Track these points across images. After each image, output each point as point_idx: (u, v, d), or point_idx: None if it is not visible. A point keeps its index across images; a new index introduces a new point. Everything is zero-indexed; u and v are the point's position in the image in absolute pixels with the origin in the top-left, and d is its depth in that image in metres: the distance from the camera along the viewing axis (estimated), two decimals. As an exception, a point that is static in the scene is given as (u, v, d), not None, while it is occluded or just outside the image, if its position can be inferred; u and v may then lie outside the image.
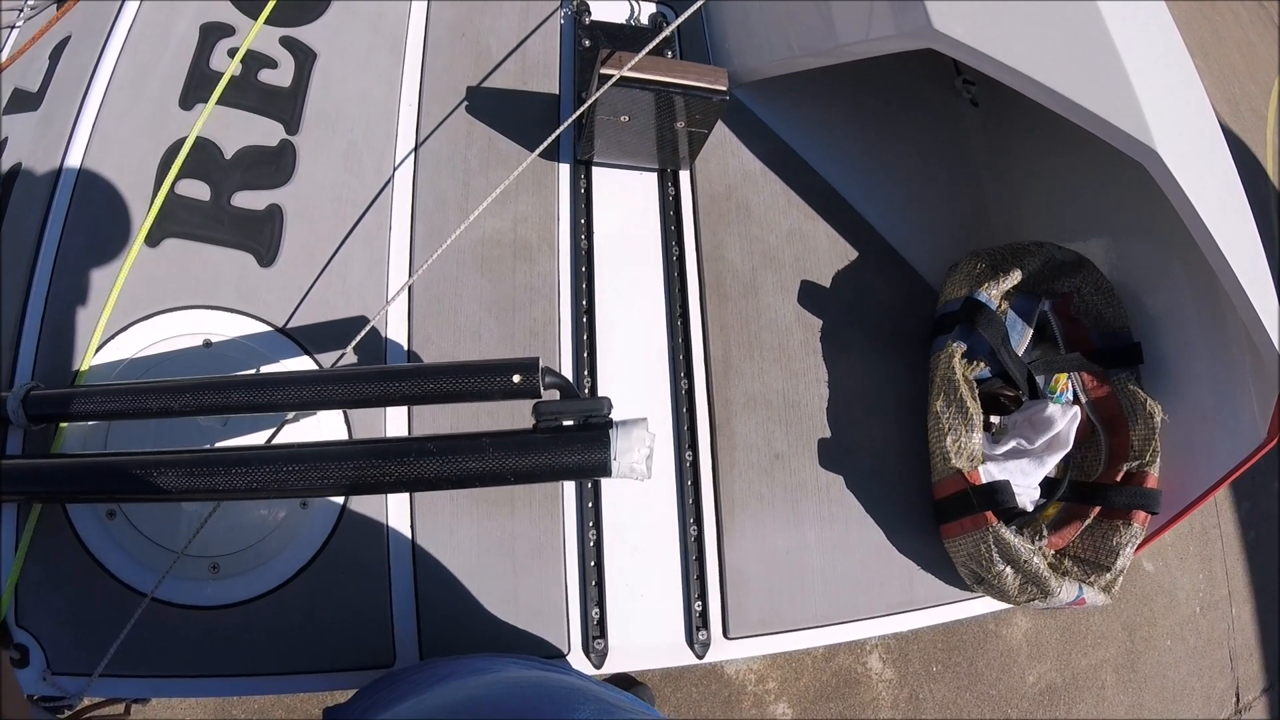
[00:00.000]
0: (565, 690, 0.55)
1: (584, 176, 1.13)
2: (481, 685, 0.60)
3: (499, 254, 1.05)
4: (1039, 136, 1.29)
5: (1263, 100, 4.25)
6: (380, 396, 0.73)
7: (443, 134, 1.09)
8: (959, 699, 2.19)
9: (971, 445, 1.06)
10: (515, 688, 0.59)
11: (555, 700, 0.51)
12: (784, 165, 1.23)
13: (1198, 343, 1.12)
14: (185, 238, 0.93)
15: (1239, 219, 0.96)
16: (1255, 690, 2.77)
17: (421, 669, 0.77)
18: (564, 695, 0.52)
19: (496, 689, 0.58)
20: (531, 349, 1.02)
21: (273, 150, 1.00)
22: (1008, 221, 1.34)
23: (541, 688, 0.58)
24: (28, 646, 0.77)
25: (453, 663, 0.76)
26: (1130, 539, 1.06)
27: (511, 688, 0.59)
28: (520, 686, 0.59)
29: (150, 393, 0.75)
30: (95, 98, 0.95)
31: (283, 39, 1.06)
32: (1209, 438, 1.09)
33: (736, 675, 1.96)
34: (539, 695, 0.54)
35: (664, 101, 0.98)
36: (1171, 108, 0.92)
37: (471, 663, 0.76)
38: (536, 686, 0.59)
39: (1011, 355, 1.12)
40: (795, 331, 1.14)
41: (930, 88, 1.40)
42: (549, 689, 0.57)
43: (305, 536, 0.88)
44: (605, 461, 0.66)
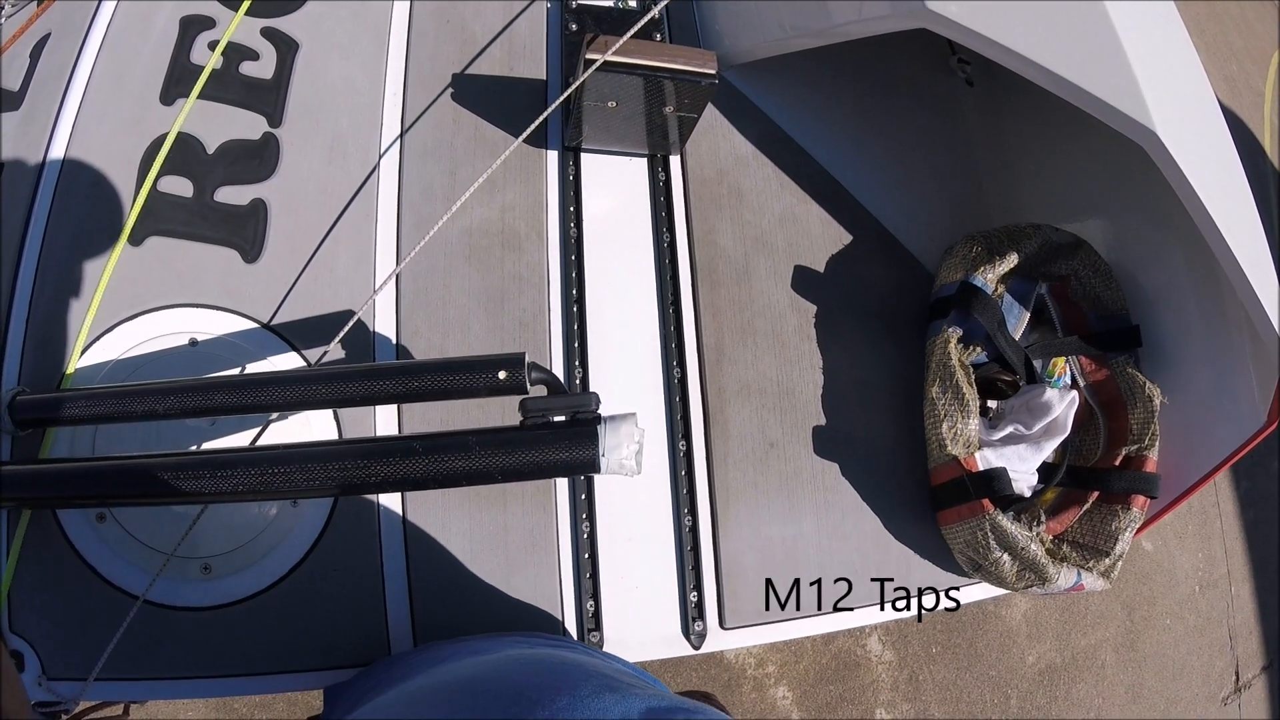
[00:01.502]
0: (567, 666, 0.55)
1: (572, 163, 1.11)
2: (481, 664, 0.60)
3: (487, 244, 1.04)
4: (1036, 117, 1.27)
5: (1260, 78, 4.21)
6: (364, 396, 0.72)
7: (428, 123, 1.07)
8: (959, 680, 2.21)
9: (968, 431, 1.05)
10: (515, 665, 0.58)
11: (556, 676, 0.50)
12: (776, 148, 1.21)
13: (1197, 325, 1.11)
14: (169, 235, 0.92)
15: (1239, 200, 0.94)
16: (1255, 668, 2.79)
17: (422, 651, 0.77)
18: (565, 671, 0.52)
19: (496, 667, 0.58)
20: (521, 340, 1.01)
21: (256, 144, 0.99)
22: (1004, 203, 1.32)
23: (541, 664, 0.58)
24: (22, 653, 0.77)
25: (454, 644, 0.76)
26: (1129, 523, 1.06)
27: (511, 665, 0.58)
28: (520, 663, 0.59)
29: (135, 396, 0.75)
30: (75, 95, 0.93)
31: (264, 30, 1.04)
32: (1208, 421, 1.08)
33: (736, 660, 1.97)
34: (539, 671, 0.54)
35: (651, 86, 0.96)
36: (1170, 88, 0.90)
37: (472, 643, 0.76)
38: (536, 663, 0.59)
39: (1008, 339, 1.10)
40: (789, 317, 1.13)
41: (924, 68, 1.37)
42: (549, 665, 0.56)
43: (297, 535, 0.87)
44: (594, 458, 0.65)
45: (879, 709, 2.09)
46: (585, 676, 0.49)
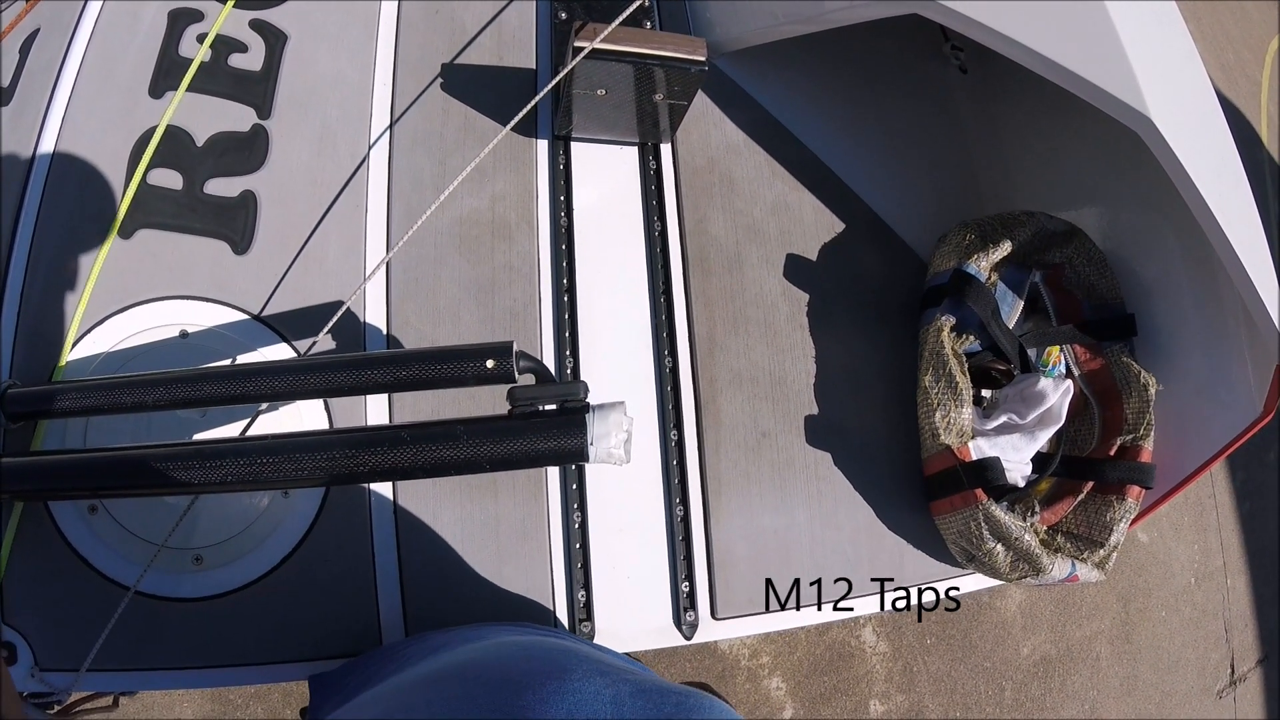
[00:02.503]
0: (557, 652, 0.54)
1: (562, 152, 1.10)
2: (471, 651, 0.60)
3: (477, 234, 1.04)
4: (1030, 103, 1.26)
5: (1256, 66, 4.18)
6: (353, 385, 0.72)
7: (418, 113, 1.06)
8: (953, 671, 2.21)
9: (961, 421, 1.05)
10: (505, 651, 0.58)
11: (546, 662, 0.50)
12: (767, 136, 1.20)
13: (1192, 314, 1.10)
14: (159, 228, 0.92)
15: (1235, 187, 0.94)
16: (1250, 661, 2.79)
17: (414, 642, 0.77)
18: (555, 657, 0.52)
19: (486, 654, 0.58)
20: (512, 330, 1.01)
21: (245, 136, 0.98)
22: (997, 191, 1.31)
23: (531, 650, 0.58)
24: (15, 644, 0.77)
25: (445, 634, 0.76)
26: (1124, 514, 1.05)
27: (501, 652, 0.58)
28: (510, 650, 0.59)
29: (125, 387, 0.75)
30: (65, 90, 0.93)
31: (252, 22, 1.03)
32: (1204, 411, 1.08)
33: (730, 651, 1.97)
34: (528, 657, 0.54)
35: (641, 73, 0.96)
36: (1166, 74, 0.90)
37: (464, 632, 0.75)
38: (526, 649, 0.58)
39: (1002, 328, 1.10)
40: (781, 306, 1.13)
41: (917, 55, 1.37)
42: (539, 651, 0.56)
43: (288, 525, 0.87)
44: (582, 447, 0.65)
45: (873, 700, 2.09)
46: (576, 662, 0.49)
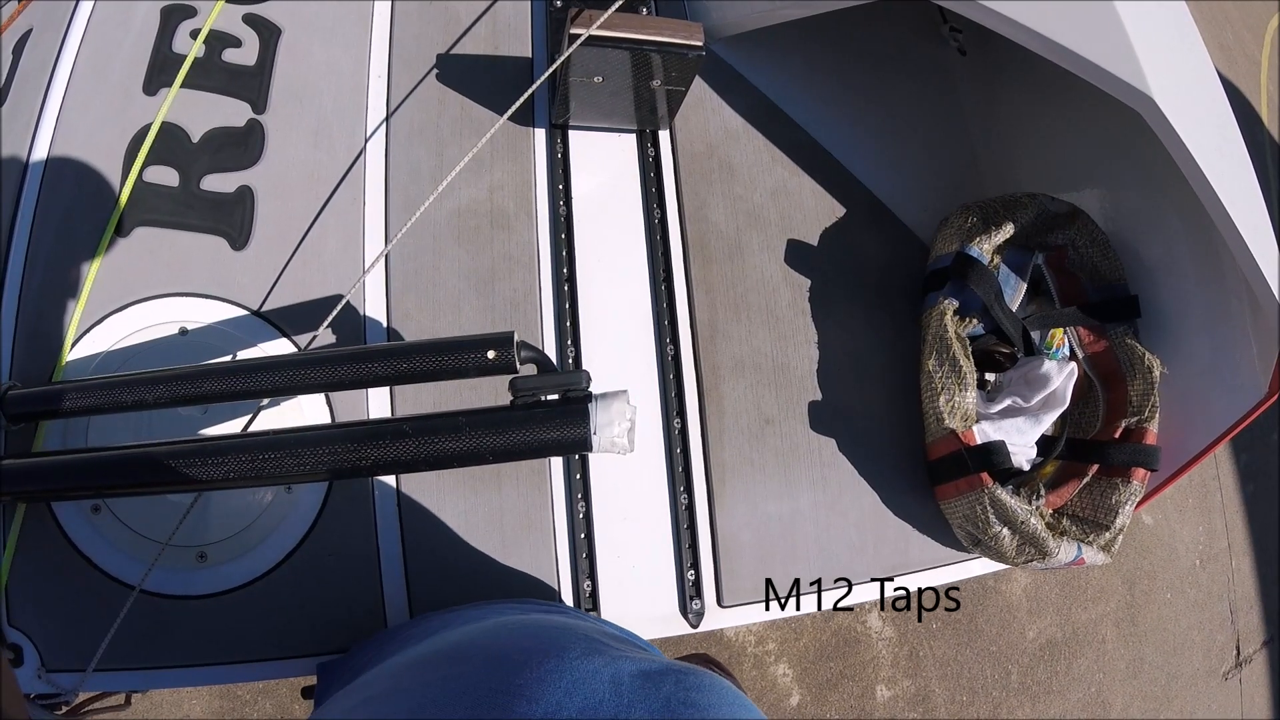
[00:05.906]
0: (555, 630, 0.54)
1: (560, 140, 1.10)
2: (469, 632, 0.59)
3: (476, 224, 1.03)
4: (1030, 84, 1.25)
5: (1256, 46, 4.16)
6: (353, 379, 0.71)
7: (414, 104, 1.05)
8: (959, 655, 2.22)
9: (965, 405, 1.04)
10: (503, 630, 0.58)
11: (543, 640, 0.49)
12: (766, 121, 1.19)
13: (1196, 295, 1.09)
14: (156, 225, 0.91)
15: (1237, 167, 0.93)
16: (1256, 643, 2.80)
17: (417, 623, 0.77)
18: (553, 635, 0.51)
19: (483, 633, 0.57)
20: (512, 320, 1.00)
21: (240, 131, 0.97)
22: (999, 173, 1.30)
23: (528, 629, 0.57)
24: (21, 645, 0.77)
25: (446, 614, 0.76)
26: (1129, 496, 1.05)
27: (499, 631, 0.58)
28: (508, 629, 0.59)
29: (125, 386, 0.74)
30: (59, 89, 0.92)
31: (246, 16, 1.02)
32: (1208, 392, 1.07)
33: (736, 637, 1.98)
34: (526, 635, 0.53)
35: (638, 59, 0.95)
36: (1167, 53, 0.89)
37: (465, 612, 0.75)
38: (524, 628, 0.58)
39: (1005, 311, 1.09)
40: (782, 292, 1.12)
41: (916, 36, 1.35)
42: (536, 629, 0.56)
43: (291, 521, 0.87)
44: (585, 437, 0.65)
45: (879, 685, 2.10)
46: (573, 640, 0.48)
